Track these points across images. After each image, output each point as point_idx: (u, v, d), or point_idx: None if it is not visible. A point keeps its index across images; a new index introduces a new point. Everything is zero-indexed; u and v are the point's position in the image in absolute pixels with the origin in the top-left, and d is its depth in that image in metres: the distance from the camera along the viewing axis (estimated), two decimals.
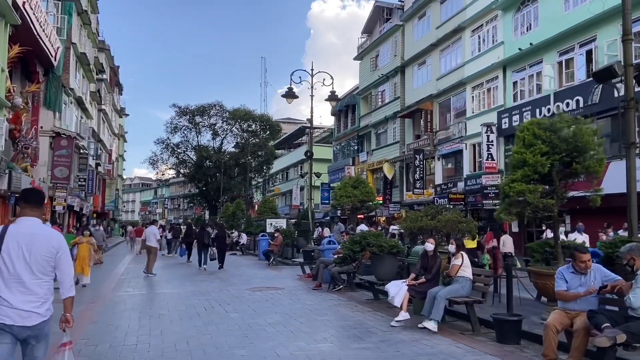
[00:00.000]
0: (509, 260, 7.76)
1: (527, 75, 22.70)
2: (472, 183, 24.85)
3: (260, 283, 13.81)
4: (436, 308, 7.30)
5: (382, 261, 9.52)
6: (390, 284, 8.10)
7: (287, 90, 19.87)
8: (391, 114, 34.02)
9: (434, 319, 7.30)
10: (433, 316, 7.31)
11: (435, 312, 7.28)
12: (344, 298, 10.96)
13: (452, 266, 7.68)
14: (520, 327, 6.59)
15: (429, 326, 7.22)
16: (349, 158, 40.75)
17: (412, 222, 11.22)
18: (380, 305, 9.96)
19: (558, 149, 7.55)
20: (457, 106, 27.84)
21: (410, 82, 32.57)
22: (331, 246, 13.53)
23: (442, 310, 7.34)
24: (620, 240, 8.20)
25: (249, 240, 28.32)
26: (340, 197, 15.23)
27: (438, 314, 7.28)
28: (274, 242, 19.99)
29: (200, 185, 52.51)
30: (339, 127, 44.54)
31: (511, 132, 22.82)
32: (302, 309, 9.64)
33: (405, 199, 31.80)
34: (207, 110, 49.96)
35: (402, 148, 32.61)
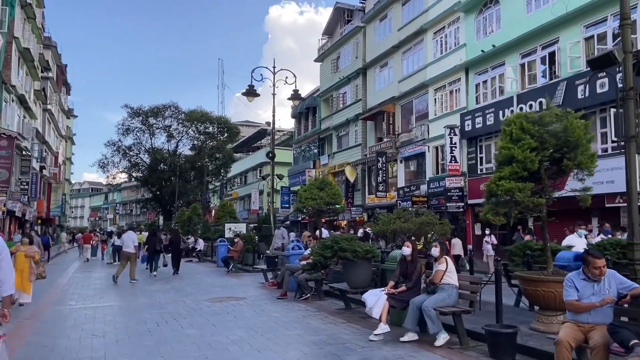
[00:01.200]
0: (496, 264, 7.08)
1: (489, 77, 22.59)
2: (435, 186, 24.54)
3: (219, 293, 12.78)
4: (431, 321, 6.59)
5: (355, 267, 8.74)
6: (367, 293, 7.32)
7: (247, 88, 18.92)
8: (353, 116, 33.51)
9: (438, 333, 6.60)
10: (434, 330, 6.61)
11: (434, 325, 6.58)
12: (313, 308, 10.12)
13: (435, 272, 6.98)
14: (515, 340, 5.94)
15: (438, 343, 6.51)
16: (309, 161, 39.98)
17: (385, 224, 10.54)
18: (354, 315, 9.17)
19: (547, 144, 6.99)
20: (420, 108, 27.57)
21: (372, 84, 32.17)
22: (297, 251, 12.67)
23: (439, 319, 6.63)
24: (609, 243, 7.73)
25: (207, 246, 27.06)
26: (305, 200, 14.36)
27: (438, 326, 6.59)
28: (234, 247, 18.95)
29: (154, 190, 50.46)
30: (300, 130, 43.72)
31: (474, 134, 22.71)
32: (268, 321, 8.73)
33: (367, 203, 31.29)
34: (161, 111, 48.09)
35: (364, 151, 32.12)
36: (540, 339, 6.45)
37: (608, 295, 4.60)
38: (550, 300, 6.77)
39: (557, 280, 6.72)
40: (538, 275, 7.01)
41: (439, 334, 6.59)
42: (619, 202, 16.39)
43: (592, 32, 17.81)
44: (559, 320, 6.81)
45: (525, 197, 6.91)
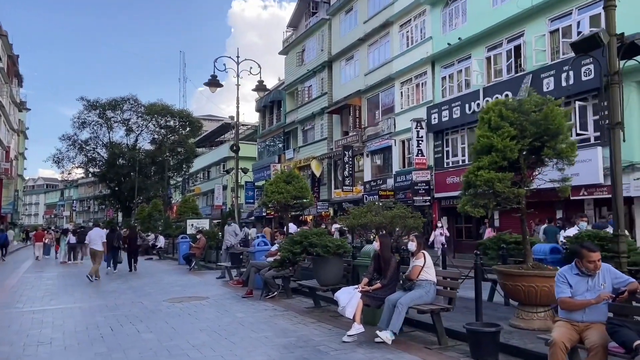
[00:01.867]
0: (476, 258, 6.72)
1: (455, 70, 22.51)
2: (402, 179, 24.37)
3: (180, 292, 12.09)
4: (396, 317, 6.16)
5: (325, 264, 8.27)
6: (340, 291, 6.86)
7: (210, 79, 18.15)
8: (318, 110, 33.04)
9: (391, 330, 6.15)
10: (391, 327, 6.16)
11: (395, 321, 6.14)
12: (281, 307, 9.59)
13: (412, 268, 6.58)
14: (498, 339, 5.58)
15: (383, 336, 6.06)
16: (274, 156, 39.31)
17: (356, 218, 10.09)
18: (323, 314, 8.70)
19: (527, 132, 6.67)
20: (386, 102, 27.34)
21: (338, 77, 31.76)
22: (263, 248, 12.10)
23: (402, 320, 6.21)
24: (586, 234, 7.51)
25: (168, 244, 26.11)
26: (271, 194, 13.78)
27: (397, 325, 6.14)
28: (196, 244, 18.19)
29: (112, 186, 48.67)
30: (264, 124, 42.97)
31: (440, 127, 22.61)
32: (233, 323, 8.16)
33: (333, 197, 30.92)
34: (119, 104, 46.34)
35: (330, 145, 31.71)
36: (522, 336, 6.14)
37: (603, 290, 4.28)
38: (531, 296, 6.47)
39: (539, 275, 6.44)
40: (518, 269, 6.69)
41: (389, 332, 6.11)
42: (583, 195, 16.52)
43: (557, 25, 17.88)
44: (540, 317, 6.54)
45: (505, 187, 6.58)
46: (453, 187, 21.57)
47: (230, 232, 15.90)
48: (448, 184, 21.84)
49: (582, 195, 16.51)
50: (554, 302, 6.69)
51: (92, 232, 16.24)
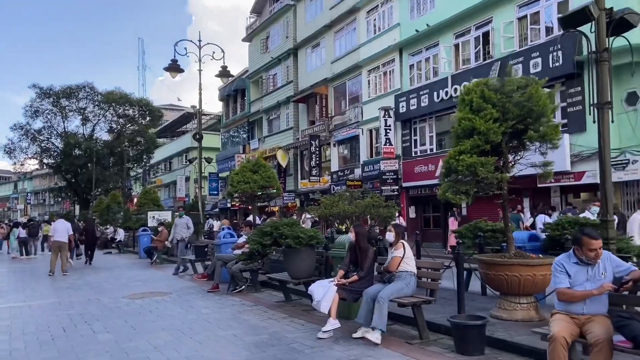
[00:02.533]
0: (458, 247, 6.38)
1: (423, 58, 22.29)
2: (369, 169, 24.08)
3: (141, 287, 11.40)
4: (379, 314, 5.75)
5: (297, 255, 7.79)
6: (314, 285, 6.40)
7: (170, 63, 17.28)
8: (284, 98, 32.37)
9: (378, 328, 5.75)
10: (376, 324, 5.75)
11: (379, 319, 5.73)
12: (249, 301, 9.08)
13: (392, 259, 6.18)
14: (484, 333, 5.25)
15: (372, 338, 5.65)
16: (238, 146, 38.45)
17: (327, 208, 9.67)
18: (295, 308, 8.25)
19: (510, 114, 6.35)
20: (353, 90, 26.95)
21: (304, 65, 31.14)
22: (229, 240, 11.52)
23: (386, 315, 5.81)
24: (567, 221, 7.29)
25: (128, 237, 25.09)
26: (237, 184, 13.19)
27: (382, 322, 5.74)
28: (158, 237, 17.40)
29: (68, 177, 46.59)
30: (228, 114, 41.95)
31: (408, 116, 22.39)
32: (199, 320, 7.60)
33: (300, 188, 30.43)
34: (75, 92, 44.18)
35: (296, 134, 31.14)
36: (507, 328, 5.83)
37: (604, 280, 3.96)
38: (514, 285, 6.19)
39: (522, 264, 6.15)
40: (501, 257, 6.39)
41: (377, 330, 5.73)
42: (550, 182, 16.56)
43: (525, 11, 17.82)
44: (523, 307, 6.27)
45: (488, 172, 6.24)
46: (421, 177, 21.46)
47: (182, 225, 15.11)
48: (416, 173, 21.67)
49: (549, 183, 16.54)
50: (538, 292, 6.48)
51: (58, 224, 15.56)
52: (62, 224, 15.49)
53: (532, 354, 5.01)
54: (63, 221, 15.88)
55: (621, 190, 15.39)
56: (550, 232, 7.30)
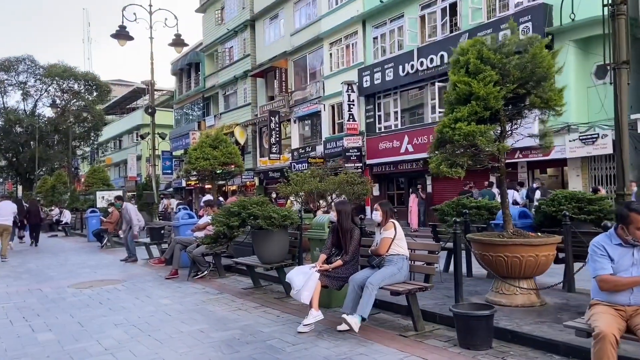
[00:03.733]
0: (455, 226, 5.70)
1: (387, 30, 21.53)
2: (332, 146, 23.34)
3: (90, 275, 10.30)
4: (366, 300, 5.04)
5: (269, 238, 6.95)
6: (293, 272, 5.60)
7: (118, 30, 15.81)
8: (241, 73, 30.99)
9: (359, 315, 5.04)
10: (360, 311, 5.05)
11: (364, 304, 5.03)
12: (213, 289, 8.20)
13: (381, 240, 5.45)
14: (492, 324, 4.62)
15: (351, 322, 4.96)
16: (193, 123, 36.79)
17: (298, 185, 8.84)
18: (266, 296, 7.44)
19: (511, 77, 5.68)
20: (314, 64, 25.97)
21: (262, 37, 29.80)
22: (189, 221, 10.53)
23: (372, 303, 5.10)
24: (563, 196, 6.76)
25: (75, 218, 23.48)
26: (195, 160, 12.14)
27: (366, 309, 5.05)
28: (108, 218, 16.09)
29: (8, 156, 43.57)
30: (181, 89, 40.05)
31: (373, 91, 21.70)
32: (157, 313, 6.68)
33: (259, 166, 29.40)
34: (13, 65, 40.97)
35: (254, 111, 29.93)
36: (510, 316, 5.23)
37: None
38: (515, 268, 5.59)
39: (525, 244, 5.55)
40: (500, 237, 5.77)
41: (356, 316, 5.05)
42: (518, 158, 16.32)
43: None
44: (523, 291, 5.69)
45: (488, 142, 5.57)
46: (386, 153, 20.92)
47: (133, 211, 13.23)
48: (381, 150, 21.11)
49: (516, 158, 16.31)
50: (539, 274, 5.92)
51: (3, 205, 14.27)
52: (8, 205, 14.37)
53: (547, 346, 4.42)
54: (9, 202, 14.81)
55: (589, 165, 15.29)
56: (545, 208, 6.75)
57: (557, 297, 6.03)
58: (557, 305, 5.70)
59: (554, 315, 5.27)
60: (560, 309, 5.56)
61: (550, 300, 5.86)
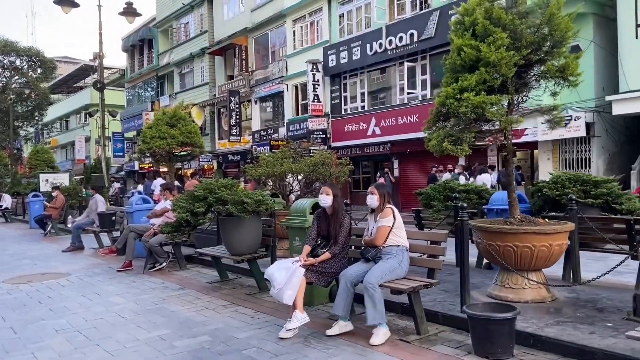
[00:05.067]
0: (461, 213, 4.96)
1: (354, 7, 20.66)
2: (295, 128, 22.41)
3: (30, 267, 9.08)
4: (373, 306, 4.27)
5: (240, 226, 6.03)
6: (274, 267, 4.72)
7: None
8: (198, 50, 29.43)
9: (381, 324, 4.30)
10: (375, 320, 4.28)
11: (375, 312, 4.26)
12: (174, 283, 7.23)
13: (377, 229, 4.65)
14: (514, 328, 3.91)
15: (377, 338, 4.21)
16: (146, 103, 34.94)
17: (270, 167, 7.93)
18: (236, 292, 6.54)
19: (523, 41, 4.96)
20: (277, 42, 24.84)
21: (220, 13, 28.30)
22: (144, 206, 9.44)
23: (383, 304, 4.32)
24: (567, 178, 6.16)
25: (16, 203, 21.64)
26: (150, 140, 10.99)
27: (381, 314, 4.28)
28: (52, 203, 14.66)
29: None
30: (133, 67, 37.94)
31: (338, 70, 20.87)
32: (108, 314, 5.69)
33: (218, 149, 28.15)
34: None
35: (212, 90, 28.54)
36: (526, 315, 4.55)
37: None
38: (526, 259, 4.93)
39: (538, 232, 4.89)
40: (507, 224, 5.09)
41: (379, 327, 4.31)
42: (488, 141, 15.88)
43: None
44: (532, 285, 5.05)
45: (501, 115, 4.86)
46: (352, 136, 20.22)
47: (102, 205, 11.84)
48: (346, 132, 20.38)
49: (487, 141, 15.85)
50: (549, 266, 5.28)
51: None
52: None
53: (581, 354, 3.75)
54: None
55: (559, 148, 15.05)
56: (548, 192, 6.13)
57: (564, 291, 5.43)
58: (570, 301, 5.10)
59: (572, 313, 4.65)
60: (574, 305, 4.96)
61: (559, 294, 5.25)
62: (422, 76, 17.99)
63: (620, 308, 4.75)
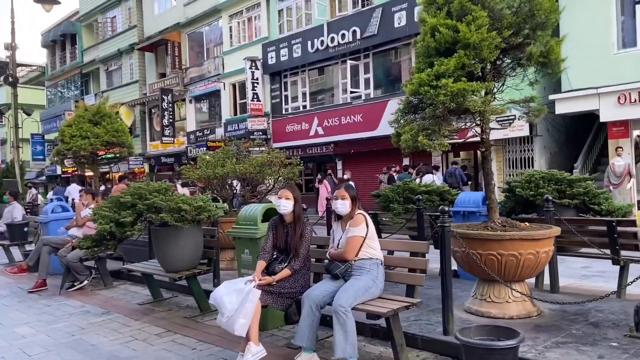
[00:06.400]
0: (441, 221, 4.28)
1: (294, 3, 19.89)
2: (234, 128, 21.32)
3: None
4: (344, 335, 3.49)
5: (177, 238, 5.07)
6: (221, 289, 3.83)
7: None
8: (126, 46, 27.56)
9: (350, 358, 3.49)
10: (345, 353, 3.48)
11: (347, 343, 3.48)
12: (98, 306, 6.11)
13: (348, 241, 3.89)
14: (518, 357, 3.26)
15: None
16: (69, 102, 32.38)
17: (211, 168, 6.99)
18: (172, 314, 5.56)
19: (504, 22, 4.38)
20: (212, 38, 23.63)
21: (150, 7, 26.63)
22: (62, 215, 8.17)
23: (355, 333, 3.54)
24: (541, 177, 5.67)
25: None
26: (70, 139, 9.68)
27: (352, 347, 3.49)
28: None
29: None
30: (54, 64, 35.18)
31: (279, 68, 20.04)
32: (9, 351, 4.57)
33: (149, 150, 26.46)
34: None
35: (142, 89, 26.79)
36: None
37: None
38: (511, 268, 4.35)
39: (525, 238, 4.31)
40: (491, 229, 4.48)
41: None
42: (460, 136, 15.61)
43: None
44: (517, 297, 4.47)
45: (485, 105, 4.24)
46: (293, 136, 19.45)
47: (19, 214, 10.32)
48: (288, 132, 19.57)
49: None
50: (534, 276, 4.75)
51: None
52: None
53: None
54: None
55: (503, 148, 15.01)
56: (521, 192, 5.62)
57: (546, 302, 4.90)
58: (557, 314, 4.56)
59: (566, 330, 4.10)
60: (563, 319, 4.43)
61: (542, 306, 4.70)
62: (365, 75, 17.51)
63: (615, 322, 4.25)
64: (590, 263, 7.36)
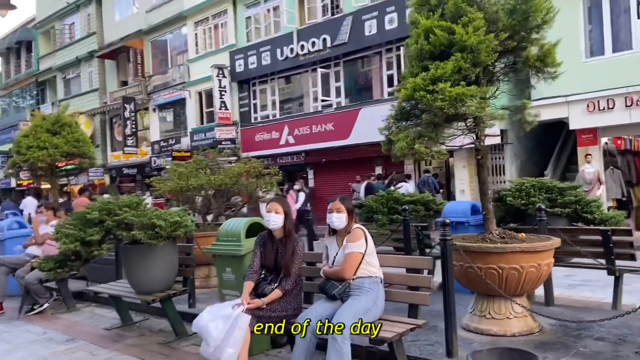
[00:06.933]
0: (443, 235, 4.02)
1: (262, 10, 19.55)
2: (200, 138, 20.74)
3: None
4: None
5: (150, 256, 4.63)
6: (206, 315, 3.44)
7: None
8: (85, 54, 26.56)
9: None
10: None
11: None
12: (61, 331, 5.58)
13: (346, 257, 3.58)
14: None
15: None
16: (24, 112, 31.02)
17: (183, 179, 6.55)
18: (144, 340, 5.10)
19: (500, 24, 4.19)
20: (177, 45, 23.01)
21: (111, 13, 25.78)
22: (19, 232, 7.55)
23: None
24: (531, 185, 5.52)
25: None
26: (27, 150, 9.03)
27: None
28: None
29: None
30: (8, 72, 33.75)
31: (247, 76, 19.64)
32: None
33: (111, 161, 25.49)
34: None
35: (103, 98, 25.84)
36: None
37: None
38: (512, 282, 4.14)
39: (527, 250, 4.11)
40: (489, 241, 4.25)
41: None
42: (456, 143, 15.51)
43: None
44: (518, 313, 4.25)
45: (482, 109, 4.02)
46: (263, 146, 19.03)
47: None
48: (257, 141, 19.14)
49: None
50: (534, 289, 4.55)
51: None
52: None
53: None
54: None
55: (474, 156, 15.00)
56: (512, 200, 5.44)
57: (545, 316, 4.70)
58: (559, 330, 4.36)
59: (573, 347, 3.90)
60: (567, 335, 4.23)
61: (542, 321, 4.49)
62: (336, 83, 17.31)
63: (621, 337, 4.07)
64: (573, 272, 7.26)
